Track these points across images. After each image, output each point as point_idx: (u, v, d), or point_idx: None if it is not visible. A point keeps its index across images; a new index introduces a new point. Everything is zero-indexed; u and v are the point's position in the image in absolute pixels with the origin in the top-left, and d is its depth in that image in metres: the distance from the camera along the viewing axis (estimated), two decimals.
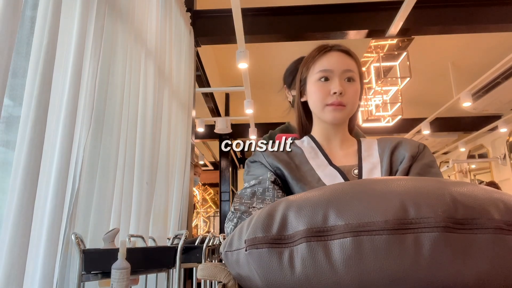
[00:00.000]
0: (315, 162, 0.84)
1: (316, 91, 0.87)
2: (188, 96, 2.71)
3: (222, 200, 6.00)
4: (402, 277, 0.40)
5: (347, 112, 0.87)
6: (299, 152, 0.87)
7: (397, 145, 0.85)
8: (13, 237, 0.93)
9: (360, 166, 0.83)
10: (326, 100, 0.86)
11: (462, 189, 0.44)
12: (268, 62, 4.60)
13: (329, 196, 0.46)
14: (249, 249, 0.47)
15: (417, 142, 0.85)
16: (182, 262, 1.45)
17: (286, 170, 0.82)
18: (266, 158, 0.84)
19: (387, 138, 0.89)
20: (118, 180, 1.48)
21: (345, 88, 0.85)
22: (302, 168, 0.83)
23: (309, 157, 0.86)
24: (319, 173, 0.82)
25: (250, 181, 0.82)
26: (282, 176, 0.82)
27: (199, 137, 5.86)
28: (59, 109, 1.17)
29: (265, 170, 0.83)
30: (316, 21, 3.07)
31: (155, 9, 2.08)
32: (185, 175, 2.55)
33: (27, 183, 0.97)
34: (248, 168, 0.89)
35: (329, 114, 0.86)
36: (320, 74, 0.87)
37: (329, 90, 0.85)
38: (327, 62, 0.87)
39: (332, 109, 0.85)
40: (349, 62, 0.88)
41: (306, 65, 0.92)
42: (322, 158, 0.86)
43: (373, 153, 0.86)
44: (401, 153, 0.83)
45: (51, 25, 1.08)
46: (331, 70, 0.86)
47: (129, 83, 1.63)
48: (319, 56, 0.89)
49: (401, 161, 0.81)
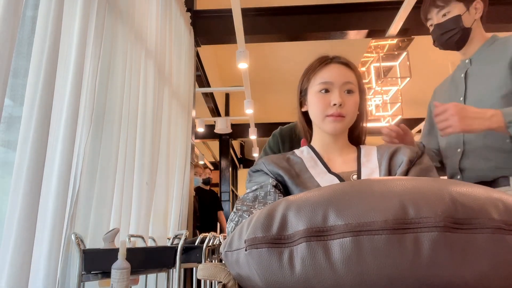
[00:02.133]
0: (315, 170, 0.87)
1: (317, 102, 0.90)
2: (188, 96, 2.71)
3: (222, 200, 6.01)
4: (401, 277, 0.40)
5: (346, 122, 0.91)
6: (298, 161, 0.91)
7: (395, 151, 0.87)
8: (19, 237, 0.93)
9: (359, 171, 0.85)
10: (326, 111, 0.89)
11: (462, 189, 0.44)
12: (268, 62, 4.60)
13: (329, 196, 0.46)
14: (249, 249, 0.48)
15: (415, 148, 0.87)
16: (182, 262, 1.45)
17: (286, 176, 0.84)
18: (267, 166, 0.88)
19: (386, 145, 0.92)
20: (118, 180, 1.48)
21: (345, 100, 0.89)
22: (302, 175, 0.86)
23: (309, 166, 0.89)
24: (319, 180, 0.84)
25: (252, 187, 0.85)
26: (283, 182, 0.85)
27: (199, 137, 5.86)
28: (60, 109, 1.17)
29: (266, 177, 0.86)
30: (316, 21, 3.07)
31: (155, 9, 2.08)
32: (185, 175, 2.55)
33: (32, 183, 0.97)
34: (250, 178, 0.92)
35: (329, 125, 0.89)
36: (321, 86, 0.90)
37: (329, 102, 0.89)
38: (328, 74, 0.91)
39: (332, 120, 0.88)
40: (349, 74, 0.92)
41: (306, 76, 0.96)
42: (321, 167, 0.89)
43: (371, 159, 0.88)
44: (399, 158, 0.85)
45: (53, 25, 1.08)
46: (331, 82, 0.90)
47: (129, 83, 1.63)
48: (320, 68, 0.93)
49: (399, 165, 0.83)
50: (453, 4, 1.19)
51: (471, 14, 1.20)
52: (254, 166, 0.92)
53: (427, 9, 1.25)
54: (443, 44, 1.25)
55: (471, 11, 1.20)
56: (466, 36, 1.21)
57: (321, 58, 0.95)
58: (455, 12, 1.19)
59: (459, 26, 1.19)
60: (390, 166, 0.84)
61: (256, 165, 0.92)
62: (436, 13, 1.22)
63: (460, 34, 1.20)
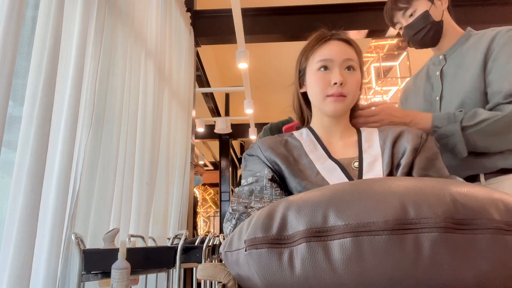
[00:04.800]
0: (314, 155, 0.82)
1: (316, 81, 0.85)
2: (188, 96, 2.71)
3: (222, 200, 6.01)
4: (401, 277, 0.40)
5: (348, 103, 0.85)
6: (297, 145, 0.85)
7: (399, 136, 0.82)
8: (20, 237, 0.93)
9: (360, 158, 0.81)
10: (326, 91, 0.83)
11: (462, 189, 0.44)
12: (268, 62, 4.60)
13: (329, 196, 0.46)
14: (249, 249, 0.48)
15: (419, 132, 0.83)
16: (182, 262, 1.45)
17: (283, 164, 0.80)
18: (264, 152, 0.82)
19: (388, 128, 0.87)
20: (118, 180, 1.48)
21: (346, 78, 0.83)
22: (300, 161, 0.81)
23: (308, 150, 0.84)
24: (318, 166, 0.80)
25: (248, 178, 0.81)
26: (279, 172, 0.81)
27: (199, 137, 5.86)
28: (60, 109, 1.17)
29: (262, 166, 0.82)
30: (316, 21, 3.06)
31: (155, 9, 2.08)
32: (185, 175, 2.55)
33: (33, 184, 0.97)
34: (245, 162, 0.87)
35: (329, 106, 0.84)
36: (320, 63, 0.85)
37: (329, 81, 0.83)
38: (327, 51, 0.85)
39: (333, 100, 0.83)
40: (349, 51, 0.86)
41: (305, 55, 0.90)
42: (321, 151, 0.84)
43: (373, 144, 0.83)
44: (403, 145, 0.80)
45: (54, 25, 1.08)
46: (331, 59, 0.84)
47: (129, 83, 1.63)
48: (319, 46, 0.87)
49: (402, 153, 0.79)
50: (416, 2, 1.15)
51: (438, 6, 1.16)
52: (250, 150, 0.87)
53: (391, 14, 1.21)
54: (418, 44, 1.21)
55: (436, 3, 1.16)
56: (439, 30, 1.17)
57: (319, 35, 0.89)
58: (421, 9, 1.15)
59: (430, 22, 1.15)
60: (393, 153, 0.79)
61: (251, 149, 0.86)
62: (402, 15, 1.18)
63: (434, 29, 1.16)
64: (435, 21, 1.15)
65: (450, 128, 0.99)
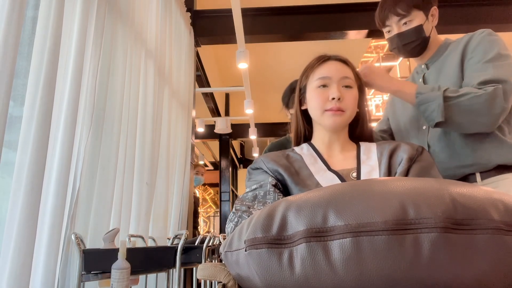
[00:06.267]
0: (314, 168, 0.87)
1: (316, 97, 0.91)
2: (188, 96, 2.71)
3: (222, 200, 6.01)
4: (401, 278, 0.40)
5: (346, 117, 0.90)
6: (298, 158, 0.90)
7: (395, 148, 0.86)
8: (20, 237, 0.93)
9: (358, 169, 0.85)
10: (325, 105, 0.89)
11: (462, 190, 0.44)
12: (268, 62, 4.59)
13: (329, 197, 0.46)
14: (249, 249, 0.48)
15: (415, 145, 0.87)
16: (182, 262, 1.45)
17: (286, 173, 0.84)
18: (266, 164, 0.87)
19: (385, 142, 0.92)
20: (118, 180, 1.48)
21: (343, 94, 0.89)
22: (301, 173, 0.85)
23: (308, 163, 0.88)
24: (318, 177, 0.83)
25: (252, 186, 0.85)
26: (282, 181, 0.85)
27: (199, 137, 5.86)
28: (60, 109, 1.17)
29: (266, 176, 0.86)
30: (316, 21, 3.07)
31: (155, 9, 2.08)
32: (185, 175, 2.55)
33: (33, 184, 0.97)
34: (249, 175, 0.92)
35: (328, 120, 0.89)
36: (319, 81, 0.91)
37: (328, 96, 0.89)
38: (326, 70, 0.92)
39: (331, 114, 0.88)
40: (347, 70, 0.93)
41: (305, 74, 0.97)
42: (320, 164, 0.88)
43: (371, 156, 0.87)
44: (399, 156, 0.84)
45: (54, 26, 1.08)
46: (329, 77, 0.90)
47: (129, 83, 1.63)
48: (318, 65, 0.94)
49: (399, 163, 0.83)
50: (414, 13, 1.18)
51: (430, 22, 1.21)
52: (254, 164, 0.92)
53: (385, 15, 1.22)
54: (404, 53, 1.25)
55: (429, 19, 1.20)
56: (426, 44, 1.22)
57: (319, 56, 0.96)
58: (417, 22, 1.18)
59: (421, 36, 1.19)
60: (390, 164, 0.83)
61: (255, 163, 0.92)
62: (397, 21, 1.20)
63: (422, 44, 1.20)
64: (425, 36, 1.20)
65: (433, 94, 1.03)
